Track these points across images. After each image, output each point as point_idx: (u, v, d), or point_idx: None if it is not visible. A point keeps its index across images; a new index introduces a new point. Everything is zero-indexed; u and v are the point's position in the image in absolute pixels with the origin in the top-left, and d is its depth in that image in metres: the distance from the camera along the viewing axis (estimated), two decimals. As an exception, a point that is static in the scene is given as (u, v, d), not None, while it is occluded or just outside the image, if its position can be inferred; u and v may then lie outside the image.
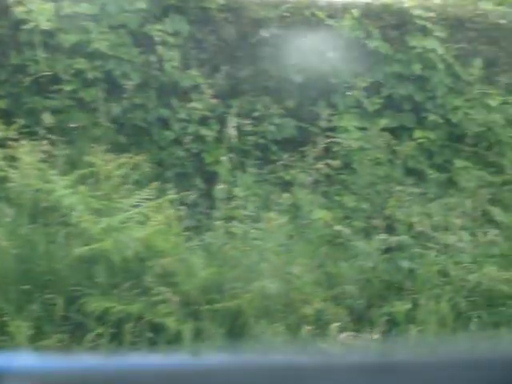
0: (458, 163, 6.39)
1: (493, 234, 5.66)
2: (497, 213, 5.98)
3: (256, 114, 6.30)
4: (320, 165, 5.91)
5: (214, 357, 1.65)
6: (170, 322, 4.36)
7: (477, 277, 5.23)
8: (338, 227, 5.51)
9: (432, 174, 6.39)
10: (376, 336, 4.55)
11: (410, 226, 5.59)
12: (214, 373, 1.49)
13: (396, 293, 5.18)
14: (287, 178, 6.04)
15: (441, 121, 6.63)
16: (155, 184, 5.19)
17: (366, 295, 5.10)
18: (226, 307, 4.50)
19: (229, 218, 5.33)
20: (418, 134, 6.58)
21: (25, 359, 1.52)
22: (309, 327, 4.55)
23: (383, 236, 5.46)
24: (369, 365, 1.51)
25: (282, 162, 6.12)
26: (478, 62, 6.71)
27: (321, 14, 6.59)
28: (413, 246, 5.46)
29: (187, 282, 4.57)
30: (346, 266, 5.23)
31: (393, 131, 6.50)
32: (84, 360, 1.58)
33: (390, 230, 5.65)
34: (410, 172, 6.44)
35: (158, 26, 6.18)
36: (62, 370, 1.49)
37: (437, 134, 6.63)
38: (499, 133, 6.59)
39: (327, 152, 6.17)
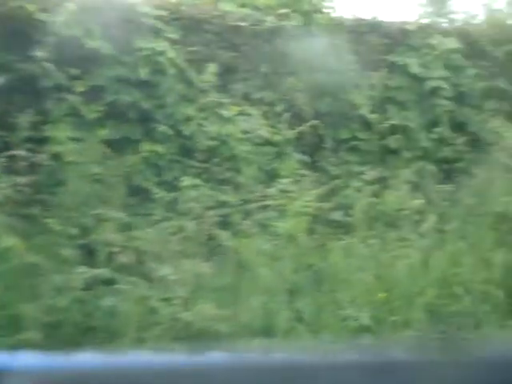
0: (186, 180, 5.62)
1: (216, 263, 4.94)
2: (225, 237, 5.27)
3: None
4: (15, 181, 4.98)
5: (214, 356, 1.57)
6: None
7: (190, 315, 4.48)
8: (30, 258, 4.60)
9: (158, 193, 5.60)
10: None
11: (117, 256, 4.76)
12: (214, 372, 1.48)
13: (92, 337, 4.33)
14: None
15: (171, 132, 5.88)
16: None
17: (53, 342, 4.20)
18: None
19: None
20: (145, 146, 5.79)
21: (25, 359, 1.48)
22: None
23: (83, 268, 4.60)
24: (369, 364, 1.51)
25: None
26: (212, 68, 5.99)
27: (31, 7, 5.65)
28: (118, 279, 4.63)
29: None
30: (32, 306, 4.32)
31: (115, 143, 5.68)
32: (84, 359, 1.51)
33: (95, 260, 4.80)
34: (134, 190, 5.62)
35: None
36: (63, 370, 1.47)
37: (166, 147, 5.87)
38: (234, 147, 5.89)
39: (32, 166, 5.24)
